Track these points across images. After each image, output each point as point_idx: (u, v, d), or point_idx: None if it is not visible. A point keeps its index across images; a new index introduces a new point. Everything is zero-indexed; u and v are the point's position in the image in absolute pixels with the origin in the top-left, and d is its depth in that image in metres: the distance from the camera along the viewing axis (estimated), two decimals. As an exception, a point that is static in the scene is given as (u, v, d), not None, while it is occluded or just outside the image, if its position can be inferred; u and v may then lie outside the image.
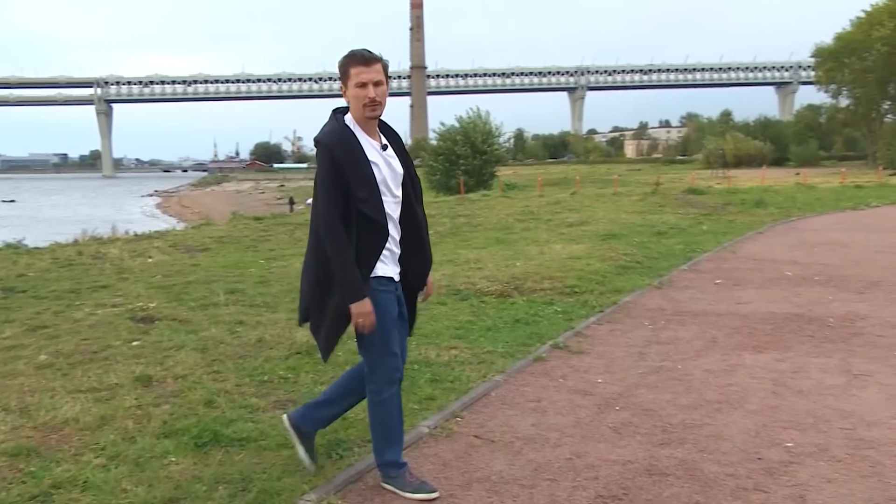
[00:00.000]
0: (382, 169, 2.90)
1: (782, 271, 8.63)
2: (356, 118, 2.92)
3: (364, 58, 2.87)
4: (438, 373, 4.69)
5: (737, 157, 57.76)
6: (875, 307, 6.60)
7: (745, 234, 12.58)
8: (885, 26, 50.42)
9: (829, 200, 20.30)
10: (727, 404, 4.14)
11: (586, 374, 4.78)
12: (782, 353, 5.17)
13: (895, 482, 3.10)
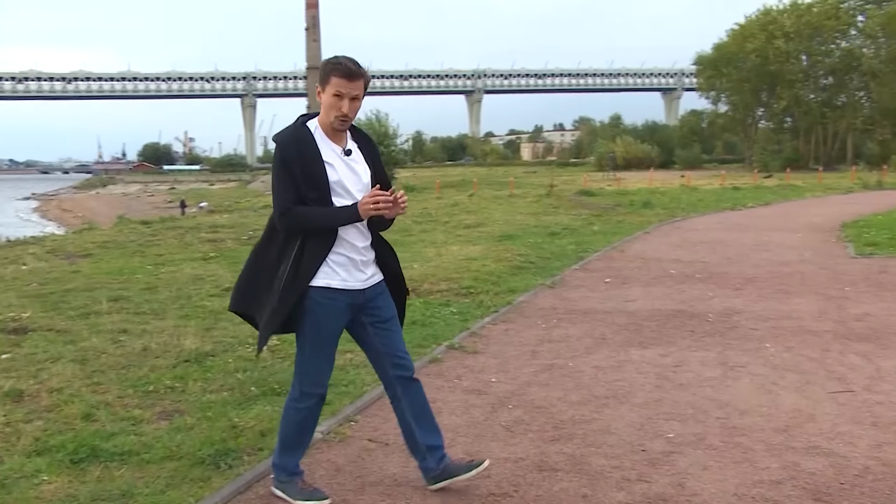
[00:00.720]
0: (339, 171, 2.86)
1: (667, 269, 9.04)
2: (322, 123, 2.89)
3: (349, 72, 2.82)
4: (333, 377, 4.59)
5: (627, 159, 60.07)
6: (749, 302, 7.02)
7: (633, 233, 13.11)
8: (756, 38, 53.90)
9: (710, 201, 21.45)
10: (614, 399, 4.30)
11: (481, 373, 4.85)
12: (666, 348, 5.41)
13: (763, 466, 3.30)
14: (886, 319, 6.11)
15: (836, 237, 12.17)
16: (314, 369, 2.97)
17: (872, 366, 4.80)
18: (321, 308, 2.86)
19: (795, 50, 54.34)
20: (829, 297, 7.16)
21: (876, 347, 5.25)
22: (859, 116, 54.41)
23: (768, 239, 12.16)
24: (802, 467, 3.28)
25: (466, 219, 16.12)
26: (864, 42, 55.33)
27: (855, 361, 4.92)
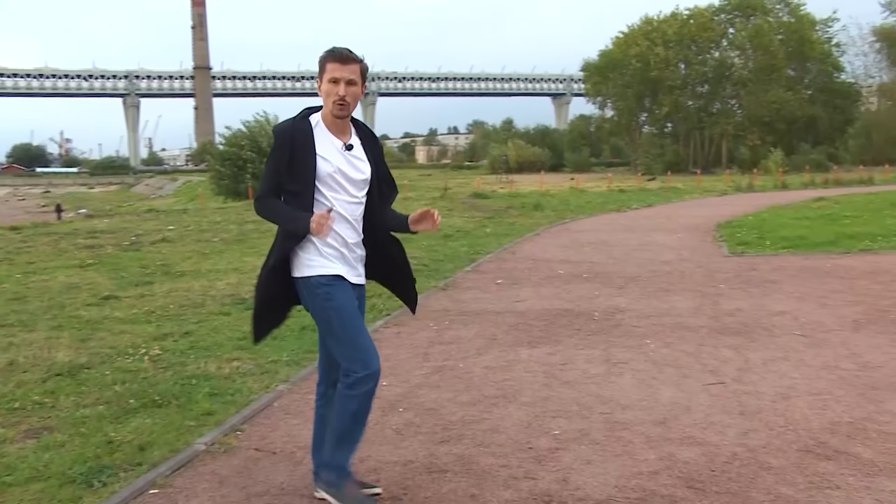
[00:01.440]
0: (337, 164, 2.85)
1: (555, 270, 9.30)
2: (325, 115, 2.89)
3: (342, 55, 2.84)
4: (218, 386, 4.49)
5: (519, 162, 61.50)
6: (632, 300, 7.32)
7: (524, 235, 13.42)
8: (639, 45, 56.53)
9: (597, 203, 22.25)
10: (503, 398, 4.38)
11: (372, 377, 4.81)
12: (554, 346, 5.56)
13: (642, 458, 3.45)
14: (754, 314, 6.52)
15: (712, 237, 12.87)
16: (357, 347, 2.87)
17: (742, 358, 5.11)
18: (334, 288, 2.85)
19: (675, 58, 57.44)
20: (705, 294, 7.56)
21: (745, 341, 5.59)
22: (732, 123, 58.00)
23: (650, 239, 12.72)
24: (678, 457, 3.44)
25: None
26: (734, 53, 59.12)
27: (727, 354, 5.22)
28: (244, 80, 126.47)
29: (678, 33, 56.82)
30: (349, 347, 2.86)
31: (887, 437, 3.60)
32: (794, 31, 57.07)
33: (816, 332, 5.80)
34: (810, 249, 10.63)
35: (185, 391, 4.39)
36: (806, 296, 7.27)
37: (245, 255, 11.00)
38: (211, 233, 14.63)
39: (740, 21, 58.24)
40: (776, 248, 10.91)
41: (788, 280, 8.22)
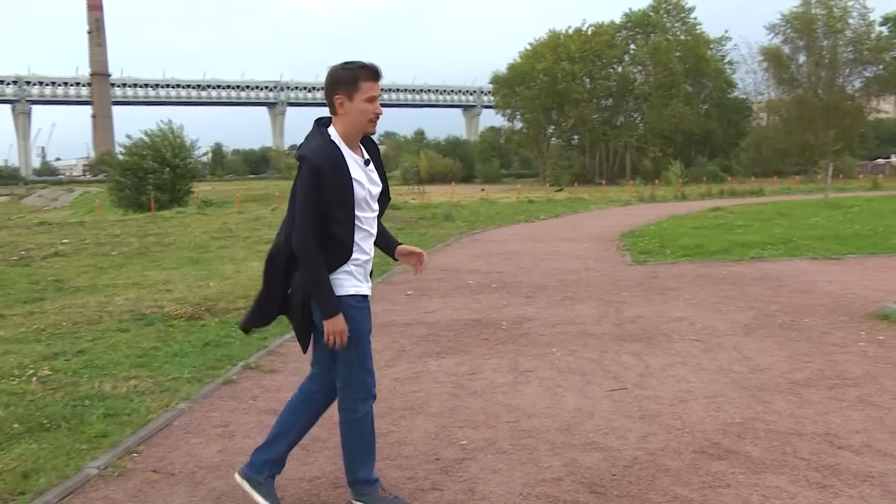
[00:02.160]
0: (365, 185, 2.87)
1: (465, 280, 9.39)
2: (348, 132, 2.85)
3: (377, 72, 2.82)
4: (114, 406, 4.30)
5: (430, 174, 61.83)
6: (539, 309, 7.47)
7: (435, 246, 13.48)
8: (546, 59, 58.02)
9: (507, 214, 22.62)
10: (411, 410, 4.37)
11: (278, 392, 4.72)
12: (462, 356, 5.60)
13: (546, 465, 3.51)
14: (655, 320, 6.76)
15: (616, 246, 13.30)
16: (365, 374, 2.98)
17: (642, 364, 5.29)
18: (360, 313, 2.89)
19: (580, 72, 59.27)
20: (609, 301, 7.79)
21: (646, 347, 5.79)
22: (634, 136, 60.28)
23: (557, 249, 13.02)
24: (581, 463, 3.52)
25: (269, 234, 15.70)
26: (636, 69, 61.59)
27: (628, 361, 5.39)
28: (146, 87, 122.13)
29: (582, 49, 58.70)
30: (359, 372, 2.97)
31: (774, 435, 3.80)
32: (691, 49, 59.95)
33: (711, 337, 6.07)
34: (707, 257, 11.13)
35: (76, 413, 4.18)
36: (702, 302, 7.59)
37: (146, 269, 10.60)
38: (109, 246, 14.03)
39: (641, 38, 60.73)
40: (676, 256, 11.37)
41: (686, 287, 8.58)
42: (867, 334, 5.95)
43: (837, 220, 16.66)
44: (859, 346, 5.60)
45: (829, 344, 5.70)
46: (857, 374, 4.86)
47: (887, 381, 4.68)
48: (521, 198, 32.69)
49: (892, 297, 7.07)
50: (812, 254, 11.01)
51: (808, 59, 60.19)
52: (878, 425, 3.89)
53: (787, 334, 6.07)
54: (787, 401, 4.35)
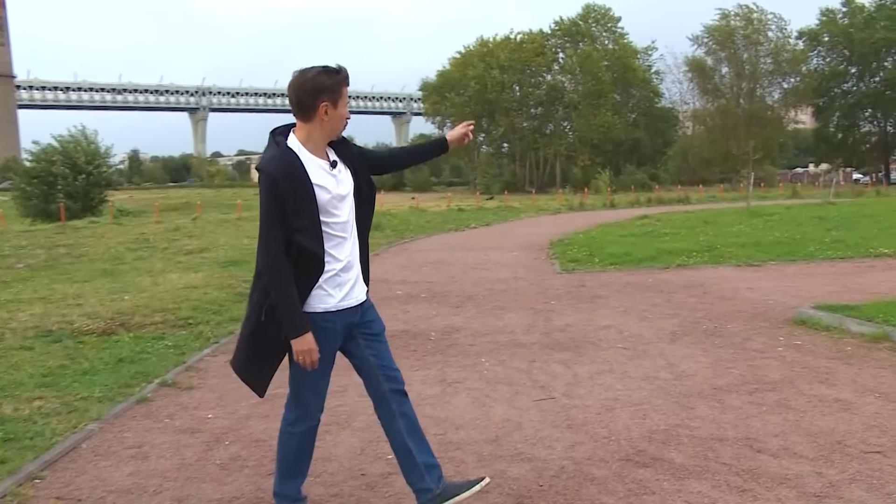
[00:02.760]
0: (331, 190, 2.80)
1: (394, 290, 9.37)
2: (321, 138, 2.82)
3: (348, 77, 2.83)
4: (14, 430, 4.10)
5: (360, 182, 61.37)
6: (468, 319, 7.51)
7: (363, 256, 13.39)
8: (476, 67, 58.66)
9: (437, 223, 22.70)
10: (336, 425, 4.33)
11: (196, 410, 4.60)
12: (389, 368, 5.57)
13: (473, 477, 3.52)
14: (583, 329, 6.89)
15: (546, 254, 13.52)
16: (310, 393, 2.97)
17: (571, 372, 5.38)
18: (319, 332, 2.81)
19: (510, 80, 60.13)
20: (538, 310, 7.90)
21: (574, 355, 5.89)
22: (564, 144, 61.48)
23: (487, 258, 13.14)
24: (508, 474, 3.55)
25: (188, 244, 15.33)
26: (565, 77, 62.90)
27: (557, 370, 5.47)
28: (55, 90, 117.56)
29: (512, 57, 59.59)
30: (305, 388, 2.97)
31: (697, 441, 3.92)
32: (619, 59, 61.65)
33: (638, 344, 6.23)
34: (634, 265, 11.42)
35: (-32, 440, 3.97)
36: (629, 310, 7.78)
37: (55, 283, 10.18)
38: (14, 258, 13.43)
39: (570, 47, 62.07)
40: (604, 264, 11.63)
41: (614, 295, 8.78)
42: (785, 339, 6.21)
43: (759, 227, 17.37)
44: (778, 351, 5.84)
45: (750, 350, 5.92)
46: (776, 378, 5.06)
47: (803, 385, 4.89)
48: (451, 206, 32.89)
49: (808, 303, 7.40)
50: (735, 261, 11.43)
51: (729, 70, 62.80)
52: (795, 428, 4.06)
53: (710, 341, 6.27)
54: (710, 406, 4.49)
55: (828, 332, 6.35)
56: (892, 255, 11.59)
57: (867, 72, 67.44)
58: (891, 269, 10.27)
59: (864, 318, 6.41)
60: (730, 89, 63.14)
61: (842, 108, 68.59)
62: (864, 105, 68.44)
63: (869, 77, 67.99)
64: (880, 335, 5.94)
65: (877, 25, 64.06)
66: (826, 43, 68.71)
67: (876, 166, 72.06)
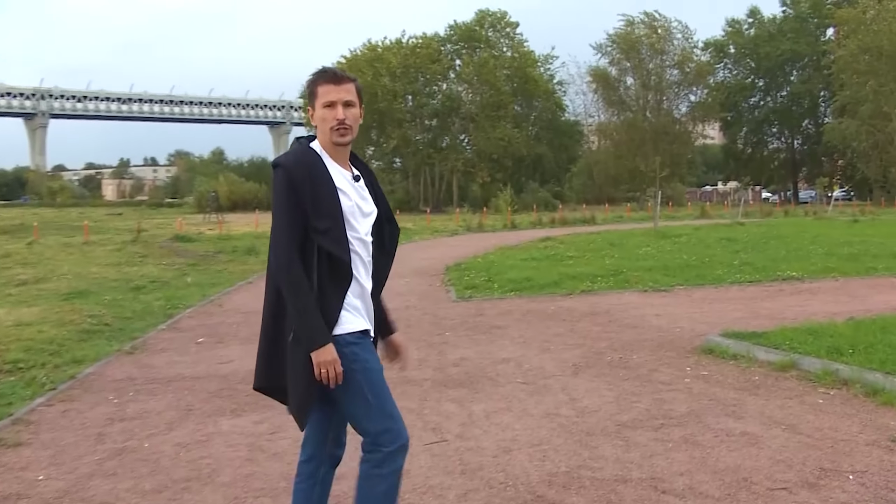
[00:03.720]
0: (352, 198, 2.82)
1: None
2: (323, 144, 2.85)
3: (335, 75, 2.84)
4: None
5: (232, 200, 60.35)
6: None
7: (235, 284, 13.11)
8: (364, 73, 58.73)
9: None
10: (197, 481, 4.18)
11: (24, 471, 4.34)
12: (262, 413, 5.45)
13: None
14: (479, 363, 6.97)
15: (441, 281, 13.61)
16: (388, 417, 2.80)
17: (465, 412, 5.42)
18: (362, 348, 2.80)
19: (402, 89, 60.60)
20: (431, 343, 7.94)
21: (469, 392, 5.94)
22: (461, 159, 62.46)
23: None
24: (394, 529, 3.52)
25: (22, 273, 14.52)
26: (462, 87, 64.04)
27: (450, 409, 5.50)
28: None
29: (404, 63, 60.17)
30: (379, 416, 2.79)
31: (600, 483, 4.02)
32: (519, 67, 63.37)
33: (539, 378, 6.35)
34: (536, 292, 11.67)
35: None
36: (530, 340, 7.94)
37: None
38: None
39: (466, 54, 63.29)
40: (503, 290, 11.83)
41: (514, 325, 8.93)
42: (692, 370, 6.49)
43: (666, 250, 18.14)
44: (685, 382, 6.10)
45: (656, 382, 6.15)
46: (683, 412, 5.27)
47: (710, 418, 5.12)
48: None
49: (716, 330, 7.78)
50: (641, 286, 11.88)
51: (635, 81, 65.76)
52: (701, 466, 4.24)
53: (615, 373, 6.48)
54: (613, 445, 4.62)
55: (735, 361, 6.68)
56: (800, 278, 12.35)
57: (774, 86, 72.26)
58: (798, 294, 10.94)
59: (772, 346, 6.79)
60: (636, 101, 66.10)
61: (749, 122, 73.14)
62: (771, 120, 73.23)
63: (775, 91, 72.84)
64: (787, 363, 6.30)
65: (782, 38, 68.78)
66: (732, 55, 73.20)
67: (784, 184, 77.03)
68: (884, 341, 6.50)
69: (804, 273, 12.74)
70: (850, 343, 6.53)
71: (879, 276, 12.54)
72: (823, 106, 70.77)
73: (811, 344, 6.66)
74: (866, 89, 56.30)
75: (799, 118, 72.26)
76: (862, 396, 5.46)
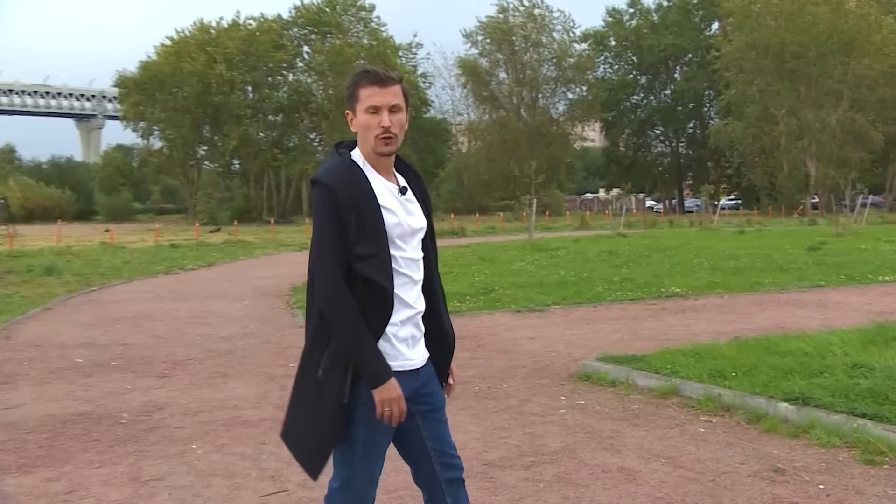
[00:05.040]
0: (399, 215, 2.86)
1: (72, 358, 8.82)
2: (364, 153, 2.90)
3: (379, 76, 2.87)
4: None
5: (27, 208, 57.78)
6: (177, 392, 7.24)
7: (27, 311, 12.52)
8: (195, 59, 57.42)
9: (140, 264, 21.82)
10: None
11: None
12: (58, 468, 5.22)
13: None
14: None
15: (287, 303, 13.46)
16: (367, 481, 2.91)
17: (308, 456, 5.35)
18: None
19: (241, 79, 59.61)
20: (273, 376, 7.82)
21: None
22: (313, 161, 62.04)
23: (208, 309, 12.82)
24: None
25: None
26: (312, 78, 63.70)
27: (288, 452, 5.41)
28: None
29: (243, 49, 59.23)
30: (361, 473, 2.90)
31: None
32: (377, 57, 63.64)
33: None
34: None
35: None
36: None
37: None
38: None
39: (316, 40, 63.04)
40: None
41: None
42: (567, 399, 6.68)
43: (542, 265, 18.66)
44: (559, 413, 6.27)
45: (528, 414, 6.29)
46: (556, 447, 5.42)
47: (586, 453, 5.28)
48: (161, 241, 31.77)
49: (594, 354, 8.05)
50: (514, 306, 12.15)
51: (508, 76, 67.44)
52: (575, 507, 4.36)
53: (483, 405, 6.58)
54: (478, 487, 4.68)
55: (614, 388, 6.93)
56: (684, 294, 12.98)
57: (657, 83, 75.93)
58: (682, 312, 11.48)
59: (653, 371, 7.08)
60: (509, 98, 67.80)
61: (632, 123, 76.49)
62: (654, 121, 76.90)
63: (659, 89, 76.57)
64: (669, 389, 6.59)
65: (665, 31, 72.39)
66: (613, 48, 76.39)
67: (669, 192, 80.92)
68: (767, 363, 6.91)
69: (688, 289, 13.39)
70: (733, 365, 6.91)
71: (765, 292, 13.34)
72: (709, 106, 74.99)
73: (694, 367, 6.99)
74: (753, 89, 60.03)
75: (684, 119, 76.23)
76: (744, 423, 5.79)
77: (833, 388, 5.98)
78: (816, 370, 6.57)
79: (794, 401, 5.84)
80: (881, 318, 9.55)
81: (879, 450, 5.01)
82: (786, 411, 5.75)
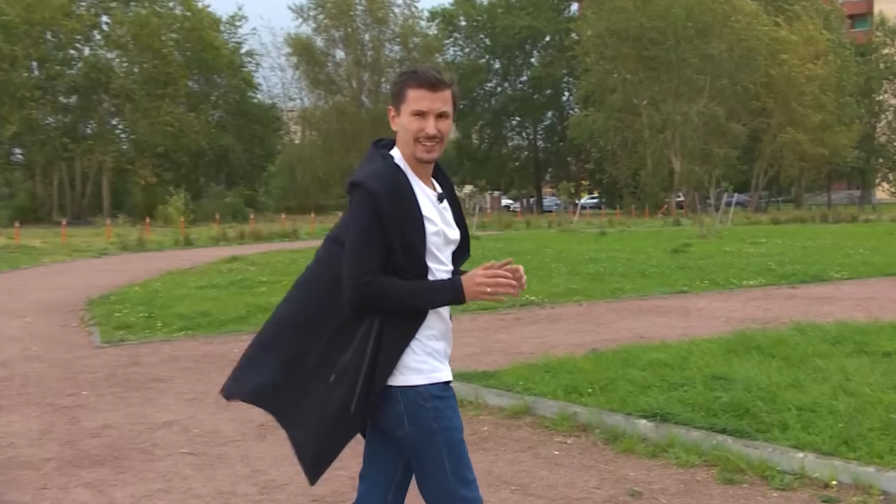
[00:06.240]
0: (438, 225, 3.05)
1: None
2: (405, 156, 3.06)
3: (431, 79, 3.00)
4: None
5: None
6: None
7: None
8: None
9: None
10: None
11: None
12: None
13: None
14: (130, 430, 6.76)
15: (80, 320, 13.04)
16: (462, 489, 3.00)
17: (105, 500, 5.25)
18: (445, 404, 3.01)
19: (24, 53, 57.18)
20: (60, 407, 7.59)
21: (112, 472, 5.75)
22: (114, 152, 60.29)
23: None
24: None
25: None
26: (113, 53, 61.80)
27: (83, 498, 5.30)
28: None
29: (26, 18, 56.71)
30: (455, 489, 2.99)
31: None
32: (192, 30, 62.47)
33: (211, 446, 6.30)
34: (215, 330, 11.57)
35: None
36: (203, 396, 7.84)
37: None
38: None
39: (118, 8, 61.18)
40: (170, 330, 11.59)
41: (182, 375, 8.79)
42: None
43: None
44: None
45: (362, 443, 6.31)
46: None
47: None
48: None
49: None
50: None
51: (347, 57, 67.47)
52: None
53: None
54: (305, 527, 4.68)
55: (463, 409, 7.01)
56: (540, 303, 13.35)
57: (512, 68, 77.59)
58: (538, 322, 11.80)
59: (504, 388, 7.27)
60: (348, 82, 67.85)
61: (486, 113, 77.82)
62: (510, 111, 78.54)
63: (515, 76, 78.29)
64: (521, 408, 6.78)
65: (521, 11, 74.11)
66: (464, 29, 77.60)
67: (528, 189, 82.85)
68: (625, 376, 7.20)
69: (545, 297, 13.77)
70: (589, 380, 7.17)
71: (626, 299, 13.89)
72: (568, 95, 77.26)
73: (548, 383, 7.21)
74: (614, 77, 62.20)
75: (541, 108, 78.16)
76: (601, 444, 6.04)
77: (693, 403, 6.30)
78: (676, 383, 6.88)
79: (653, 417, 6.12)
80: (743, 326, 10.09)
81: (739, 467, 5.33)
82: (644, 429, 6.02)
